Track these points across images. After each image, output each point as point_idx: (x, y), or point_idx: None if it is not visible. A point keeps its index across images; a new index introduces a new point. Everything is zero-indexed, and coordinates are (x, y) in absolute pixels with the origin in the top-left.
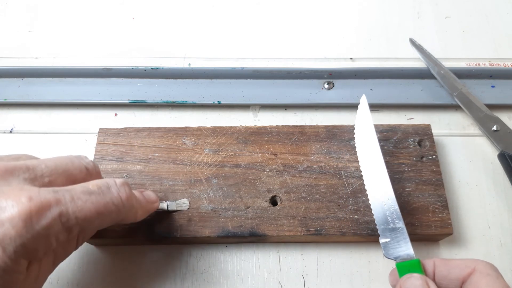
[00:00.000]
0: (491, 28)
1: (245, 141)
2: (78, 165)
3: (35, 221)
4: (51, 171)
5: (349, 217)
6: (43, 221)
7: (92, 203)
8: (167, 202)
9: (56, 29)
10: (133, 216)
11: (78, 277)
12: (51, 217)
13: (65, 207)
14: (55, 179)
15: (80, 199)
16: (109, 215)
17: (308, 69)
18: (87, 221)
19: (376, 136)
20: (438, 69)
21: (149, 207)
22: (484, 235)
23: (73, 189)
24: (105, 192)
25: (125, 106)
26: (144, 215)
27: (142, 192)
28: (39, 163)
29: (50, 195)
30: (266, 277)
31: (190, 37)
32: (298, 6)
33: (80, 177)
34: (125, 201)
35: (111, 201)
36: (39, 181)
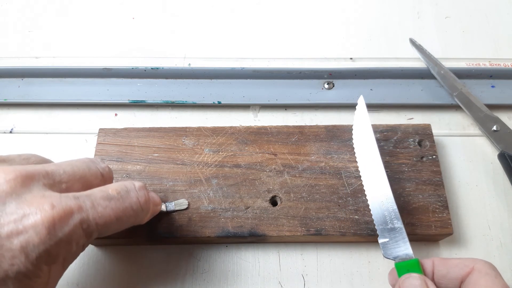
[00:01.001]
0: (491, 28)
1: (245, 141)
2: (94, 172)
3: (58, 228)
4: (68, 177)
5: (349, 217)
6: (65, 228)
7: (112, 209)
8: (165, 203)
9: (56, 29)
10: (145, 218)
11: (78, 277)
12: (73, 224)
13: (86, 213)
14: (72, 185)
15: (100, 205)
16: (127, 220)
17: (308, 69)
18: (106, 226)
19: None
20: (438, 69)
21: (154, 210)
22: (484, 235)
23: (93, 194)
24: (125, 197)
25: (125, 106)
26: (149, 217)
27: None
28: (57, 168)
29: (72, 202)
30: (266, 277)
31: (190, 37)
32: (298, 6)
33: (95, 183)
34: (144, 205)
35: (130, 206)
36: (57, 187)
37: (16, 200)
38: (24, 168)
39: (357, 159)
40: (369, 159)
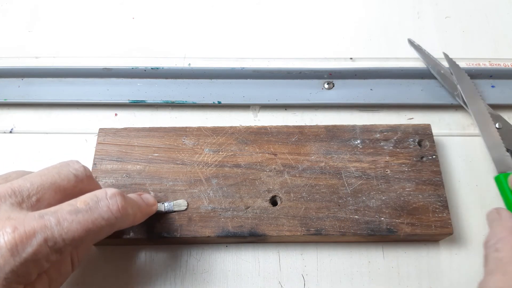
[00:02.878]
0: (491, 28)
1: (245, 141)
2: (65, 175)
3: (21, 250)
4: (37, 189)
5: (349, 217)
6: (29, 248)
7: (79, 223)
8: (164, 204)
9: (56, 29)
10: (130, 222)
11: (78, 277)
12: (36, 244)
13: (50, 231)
14: (42, 195)
15: (66, 220)
16: (100, 230)
17: (308, 69)
18: (76, 240)
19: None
20: (438, 68)
21: (148, 211)
22: (484, 235)
23: (60, 210)
24: (93, 208)
25: (125, 106)
26: (143, 218)
27: (141, 195)
28: (24, 182)
29: (35, 222)
30: (266, 277)
31: (190, 37)
32: (298, 6)
33: (69, 186)
34: (116, 213)
35: (100, 216)
36: (27, 203)
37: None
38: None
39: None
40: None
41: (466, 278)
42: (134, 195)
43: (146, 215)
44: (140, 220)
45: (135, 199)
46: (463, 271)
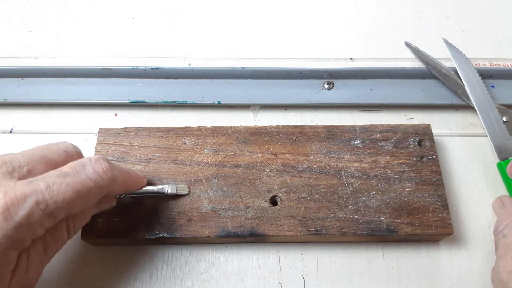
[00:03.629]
0: (491, 28)
1: (245, 141)
2: (55, 150)
3: (14, 213)
4: (28, 160)
5: (349, 217)
6: (21, 212)
7: (68, 185)
8: (168, 186)
9: (56, 29)
10: (121, 186)
11: (78, 277)
12: (28, 207)
13: (41, 195)
14: (33, 167)
15: (55, 184)
16: (90, 192)
17: (308, 69)
18: (68, 202)
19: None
20: (439, 68)
21: (139, 180)
22: (484, 235)
23: (48, 175)
24: (80, 171)
25: (125, 106)
26: (135, 186)
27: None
28: (15, 155)
29: (24, 187)
30: (266, 277)
31: (190, 37)
32: (298, 6)
33: (59, 160)
34: (103, 174)
35: (88, 178)
36: (18, 172)
37: None
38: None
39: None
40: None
41: (466, 278)
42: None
43: (137, 184)
44: (133, 187)
45: (123, 168)
46: (463, 271)
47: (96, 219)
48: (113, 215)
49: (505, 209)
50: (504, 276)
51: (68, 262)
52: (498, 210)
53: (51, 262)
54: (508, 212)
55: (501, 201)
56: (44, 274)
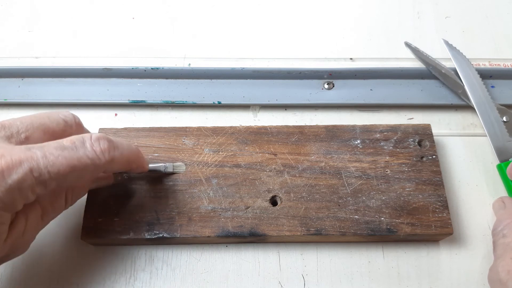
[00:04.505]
0: (491, 28)
1: (245, 141)
2: (55, 118)
3: (7, 176)
4: (26, 127)
5: (349, 217)
6: (14, 176)
7: (64, 158)
8: (165, 164)
9: (56, 29)
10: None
11: (78, 277)
12: (22, 172)
13: (36, 162)
14: (31, 134)
15: (52, 155)
16: (85, 168)
17: (308, 69)
18: (61, 175)
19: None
20: (439, 68)
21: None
22: (484, 235)
23: (47, 145)
24: (79, 146)
25: (125, 106)
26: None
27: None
28: (14, 120)
29: (22, 152)
30: (266, 277)
31: (190, 37)
32: (298, 6)
33: (58, 129)
34: (100, 154)
35: (85, 155)
36: (16, 138)
37: None
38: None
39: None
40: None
41: (466, 278)
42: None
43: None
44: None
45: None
46: (463, 271)
47: (96, 219)
48: (113, 215)
49: (506, 209)
50: (503, 276)
51: (68, 262)
52: (498, 210)
53: (51, 262)
54: (509, 212)
55: (502, 202)
56: (44, 274)
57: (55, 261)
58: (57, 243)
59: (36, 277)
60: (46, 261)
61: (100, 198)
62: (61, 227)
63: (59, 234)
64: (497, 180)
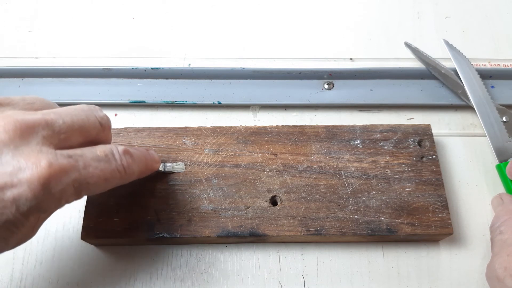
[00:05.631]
0: (491, 28)
1: (245, 141)
2: (93, 122)
3: (53, 186)
4: (67, 128)
5: (349, 217)
6: (59, 186)
7: (101, 170)
8: (164, 164)
9: (56, 29)
10: (135, 177)
11: (78, 277)
12: (66, 183)
13: (79, 173)
14: (70, 135)
15: (91, 166)
16: (113, 181)
17: (308, 69)
18: (96, 186)
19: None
20: (438, 68)
21: (152, 167)
22: (484, 235)
23: (84, 154)
24: (111, 159)
25: (125, 106)
26: (146, 174)
27: (148, 150)
28: (57, 117)
29: (67, 161)
30: (266, 277)
31: (190, 37)
32: (298, 6)
33: (93, 132)
34: (127, 169)
35: (116, 168)
36: (56, 137)
37: (13, 152)
38: (24, 118)
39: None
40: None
41: (466, 278)
42: (143, 150)
43: (149, 171)
44: (144, 175)
45: (142, 155)
46: (463, 271)
47: (96, 219)
48: (113, 215)
49: (503, 206)
50: (500, 272)
51: (68, 262)
52: (496, 207)
53: (51, 262)
54: (507, 209)
55: (500, 198)
56: (44, 274)
57: (55, 261)
58: (57, 243)
59: (36, 277)
60: (46, 261)
61: (100, 198)
62: (61, 227)
63: (59, 234)
64: (497, 180)
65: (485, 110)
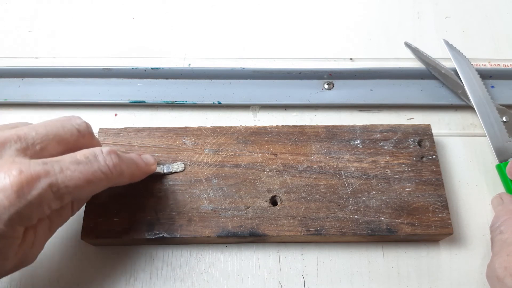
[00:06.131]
0: (491, 28)
1: (245, 141)
2: (69, 129)
3: (27, 192)
4: (42, 138)
5: (349, 217)
6: (34, 191)
7: (80, 173)
8: (163, 165)
9: (56, 29)
10: (128, 179)
11: (78, 277)
12: (41, 188)
13: (54, 177)
14: (46, 145)
15: (68, 169)
16: (99, 182)
17: (308, 69)
18: (78, 189)
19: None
20: (438, 68)
21: (147, 169)
22: (484, 235)
23: (62, 159)
24: (93, 161)
25: (125, 106)
26: (142, 176)
27: (140, 155)
28: (30, 130)
29: (40, 167)
30: (266, 277)
31: (190, 37)
32: (298, 6)
33: (72, 139)
34: (113, 169)
35: (99, 169)
36: (31, 150)
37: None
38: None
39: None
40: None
41: (466, 278)
42: (133, 154)
43: (145, 174)
44: (139, 177)
45: (133, 158)
46: (463, 271)
47: (96, 219)
48: (113, 215)
49: (503, 206)
50: (500, 272)
51: (68, 262)
52: (496, 206)
53: (51, 262)
54: (506, 209)
55: (500, 198)
56: (44, 274)
57: (55, 261)
58: (57, 243)
59: (36, 277)
60: (46, 261)
61: (100, 198)
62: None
63: (59, 234)
64: (497, 180)
65: (485, 110)
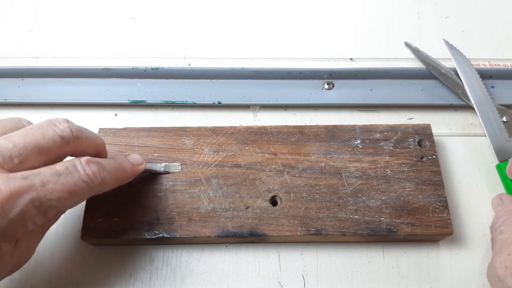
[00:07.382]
0: (491, 28)
1: (245, 141)
2: (51, 137)
3: (8, 210)
4: (19, 150)
5: (349, 217)
6: (15, 208)
7: (62, 185)
8: (160, 164)
9: (56, 29)
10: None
11: (78, 277)
12: (23, 204)
13: (36, 192)
14: (25, 157)
15: (50, 182)
16: (81, 192)
17: (308, 69)
18: (61, 201)
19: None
20: (438, 68)
21: (134, 170)
22: (484, 235)
23: (42, 172)
24: (73, 171)
25: (125, 106)
26: (130, 178)
27: (127, 156)
28: (7, 142)
29: (19, 183)
30: (266, 277)
31: (190, 37)
32: (298, 6)
33: (54, 147)
34: (93, 177)
35: (80, 179)
36: (8, 164)
37: None
38: None
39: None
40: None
41: (466, 278)
42: (120, 156)
43: (132, 175)
44: (127, 180)
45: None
46: (463, 271)
47: (96, 219)
48: (113, 215)
49: (503, 206)
50: (500, 272)
51: (68, 262)
52: (496, 207)
53: (51, 262)
54: (506, 209)
55: (500, 199)
56: (44, 274)
57: (55, 261)
58: (57, 243)
59: (36, 276)
60: (46, 261)
61: (100, 198)
62: (61, 227)
63: (59, 234)
64: (497, 180)
65: (485, 110)
